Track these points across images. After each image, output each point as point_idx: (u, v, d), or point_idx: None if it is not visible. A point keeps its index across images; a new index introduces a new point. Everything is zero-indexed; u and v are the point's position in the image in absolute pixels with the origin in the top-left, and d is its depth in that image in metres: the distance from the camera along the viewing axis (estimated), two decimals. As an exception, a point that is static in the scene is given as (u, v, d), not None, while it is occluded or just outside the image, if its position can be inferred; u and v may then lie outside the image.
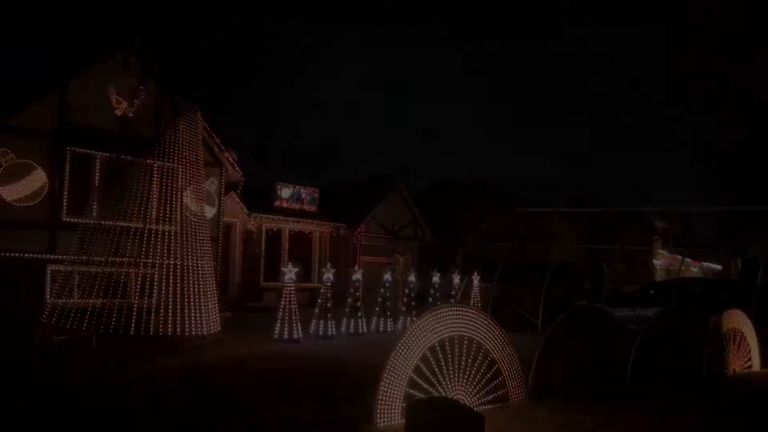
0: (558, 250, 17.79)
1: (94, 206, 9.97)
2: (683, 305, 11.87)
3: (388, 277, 13.76)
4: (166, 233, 9.91)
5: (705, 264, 30.77)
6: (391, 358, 5.41)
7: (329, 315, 11.90)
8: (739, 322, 9.82)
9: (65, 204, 13.23)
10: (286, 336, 10.95)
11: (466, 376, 5.89)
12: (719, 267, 34.03)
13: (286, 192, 19.97)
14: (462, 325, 5.98)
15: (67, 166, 13.37)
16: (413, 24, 78.08)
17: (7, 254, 12.57)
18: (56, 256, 12.50)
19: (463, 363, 5.87)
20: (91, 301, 9.16)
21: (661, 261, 34.08)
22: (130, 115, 13.62)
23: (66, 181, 13.32)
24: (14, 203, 12.84)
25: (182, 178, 10.36)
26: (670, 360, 8.29)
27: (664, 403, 7.06)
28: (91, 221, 9.82)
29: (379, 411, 5.33)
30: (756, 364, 10.06)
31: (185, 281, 9.90)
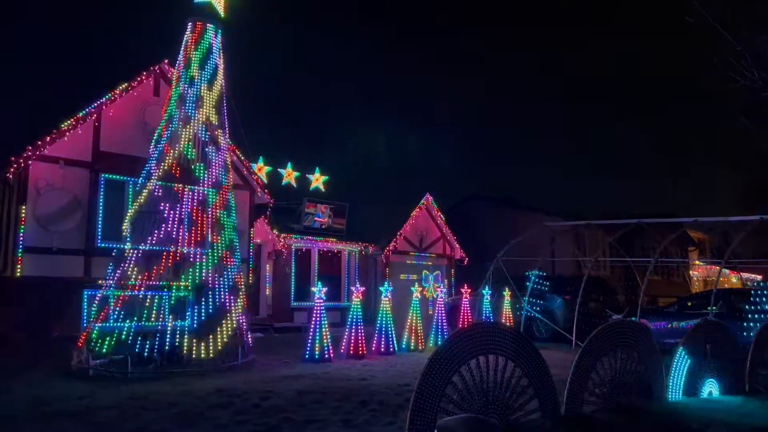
0: (591, 263, 17.47)
1: (128, 231, 10.19)
2: (723, 317, 11.53)
3: (417, 294, 13.68)
4: (198, 256, 10.04)
5: (744, 274, 29.89)
6: (422, 378, 5.36)
7: (360, 334, 11.88)
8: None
9: (100, 229, 13.55)
10: (317, 356, 10.96)
11: (497, 395, 5.79)
12: (759, 277, 33.03)
13: (315, 211, 20.11)
14: (494, 342, 5.89)
15: (101, 193, 13.72)
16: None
17: (46, 279, 12.91)
18: (92, 281, 12.79)
19: (494, 381, 5.78)
20: (126, 324, 9.31)
21: (698, 272, 33.23)
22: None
23: (100, 208, 13.66)
24: (52, 230, 13.21)
25: (213, 201, 10.52)
26: (711, 374, 8.04)
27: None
28: (125, 245, 10.01)
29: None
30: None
31: (217, 303, 10.00)
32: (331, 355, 11.21)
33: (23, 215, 12.85)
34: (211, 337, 9.73)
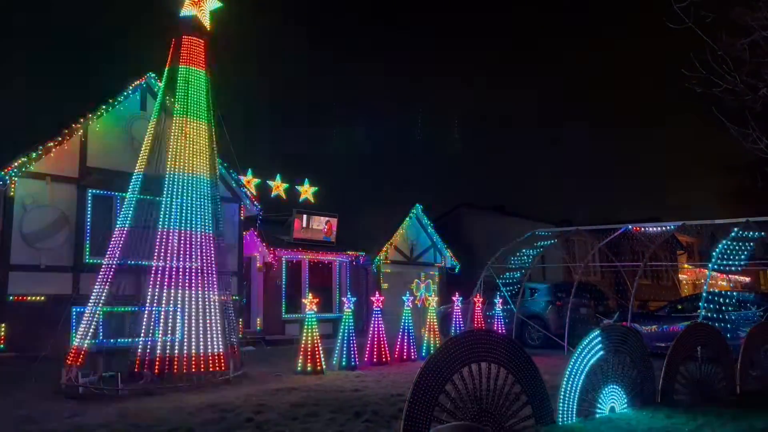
0: (580, 269, 17.54)
1: (117, 246, 10.12)
2: (712, 319, 11.60)
3: (409, 304, 13.65)
4: (188, 270, 9.97)
5: (733, 276, 30.09)
6: (415, 387, 5.34)
7: (352, 345, 11.83)
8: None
9: (88, 245, 13.45)
10: (309, 368, 10.89)
11: (491, 403, 5.78)
12: (747, 279, 33.30)
13: (304, 222, 20.07)
14: (486, 350, 5.89)
15: (89, 209, 13.63)
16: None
17: (34, 297, 12.77)
18: (80, 297, 12.66)
19: (487, 389, 5.77)
20: (115, 341, 9.22)
21: (687, 275, 33.45)
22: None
23: (88, 223, 13.56)
24: (39, 247, 13.09)
25: (200, 214, 10.46)
26: (702, 376, 8.07)
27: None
28: (114, 261, 9.93)
29: (404, 441, 5.22)
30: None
31: (208, 317, 9.92)
32: (324, 366, 11.15)
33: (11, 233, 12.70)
34: (202, 351, 9.65)
